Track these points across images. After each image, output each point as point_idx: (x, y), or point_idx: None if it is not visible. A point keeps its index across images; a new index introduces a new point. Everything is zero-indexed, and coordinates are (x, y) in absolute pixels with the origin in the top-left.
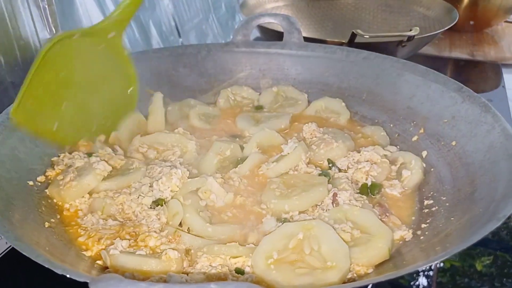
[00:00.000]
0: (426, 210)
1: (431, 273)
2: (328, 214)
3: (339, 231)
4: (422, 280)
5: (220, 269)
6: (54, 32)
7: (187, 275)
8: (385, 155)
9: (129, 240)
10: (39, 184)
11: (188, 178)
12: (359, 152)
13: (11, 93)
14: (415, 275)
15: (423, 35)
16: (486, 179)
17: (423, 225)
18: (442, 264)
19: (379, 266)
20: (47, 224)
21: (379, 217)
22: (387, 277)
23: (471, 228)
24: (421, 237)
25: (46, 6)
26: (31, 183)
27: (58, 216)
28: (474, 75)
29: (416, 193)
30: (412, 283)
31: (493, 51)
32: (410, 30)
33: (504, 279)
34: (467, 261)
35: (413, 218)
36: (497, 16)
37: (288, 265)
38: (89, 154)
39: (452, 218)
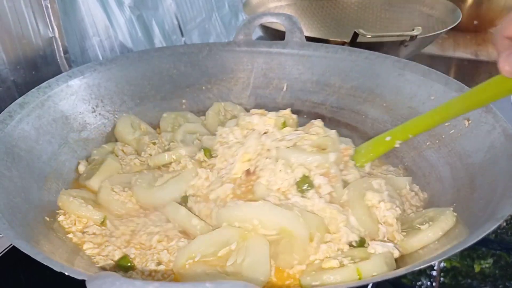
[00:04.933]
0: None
1: (434, 273)
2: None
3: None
4: (425, 280)
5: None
6: (56, 31)
7: None
8: None
9: None
10: (40, 181)
11: None
12: None
13: (13, 92)
14: (417, 275)
15: (426, 35)
16: (486, 179)
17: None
18: (444, 264)
19: None
20: (47, 222)
21: None
22: (386, 276)
23: (470, 229)
24: None
25: (48, 4)
26: (32, 180)
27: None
28: (477, 75)
29: None
30: (414, 283)
31: None
32: (413, 30)
33: (507, 280)
34: (469, 262)
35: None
36: (501, 15)
37: (203, 265)
38: None
39: None
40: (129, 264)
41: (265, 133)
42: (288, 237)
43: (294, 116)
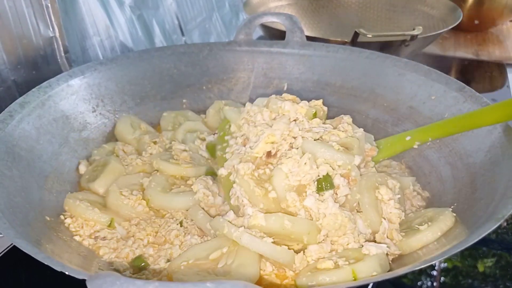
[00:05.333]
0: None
1: (434, 273)
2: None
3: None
4: (425, 280)
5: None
6: (57, 30)
7: None
8: None
9: None
10: (40, 181)
11: None
12: None
13: (13, 91)
14: (418, 274)
15: (427, 35)
16: (487, 179)
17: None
18: (445, 264)
19: None
20: (47, 222)
21: None
22: (387, 276)
23: (470, 229)
24: None
25: (49, 4)
26: (32, 180)
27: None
28: (478, 74)
29: None
30: (415, 283)
31: (498, 51)
32: (414, 29)
33: (508, 280)
34: (470, 262)
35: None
36: (502, 15)
37: (196, 267)
38: None
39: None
40: (142, 263)
41: (294, 120)
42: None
43: (325, 108)
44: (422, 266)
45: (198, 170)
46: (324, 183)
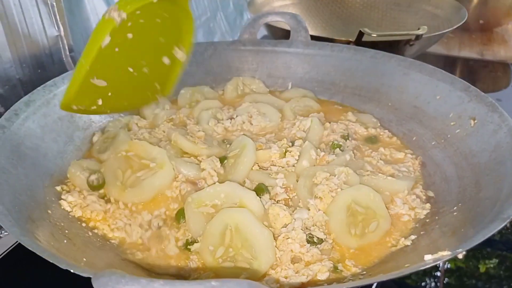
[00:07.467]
0: (431, 210)
1: (438, 273)
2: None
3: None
4: (429, 281)
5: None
6: (62, 29)
7: None
8: None
9: None
10: (45, 179)
11: None
12: None
13: (19, 90)
14: (422, 275)
15: (431, 34)
16: (492, 179)
17: (427, 225)
18: (449, 265)
19: (381, 265)
20: (52, 220)
21: None
22: (391, 276)
23: (475, 229)
24: (426, 237)
25: (54, 3)
26: (37, 178)
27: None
28: (483, 74)
29: None
30: (419, 283)
31: (503, 51)
32: (418, 29)
33: None
34: (474, 262)
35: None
36: (507, 15)
37: (230, 262)
38: None
39: (457, 219)
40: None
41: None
42: None
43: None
44: (427, 266)
45: (211, 151)
46: (260, 190)
